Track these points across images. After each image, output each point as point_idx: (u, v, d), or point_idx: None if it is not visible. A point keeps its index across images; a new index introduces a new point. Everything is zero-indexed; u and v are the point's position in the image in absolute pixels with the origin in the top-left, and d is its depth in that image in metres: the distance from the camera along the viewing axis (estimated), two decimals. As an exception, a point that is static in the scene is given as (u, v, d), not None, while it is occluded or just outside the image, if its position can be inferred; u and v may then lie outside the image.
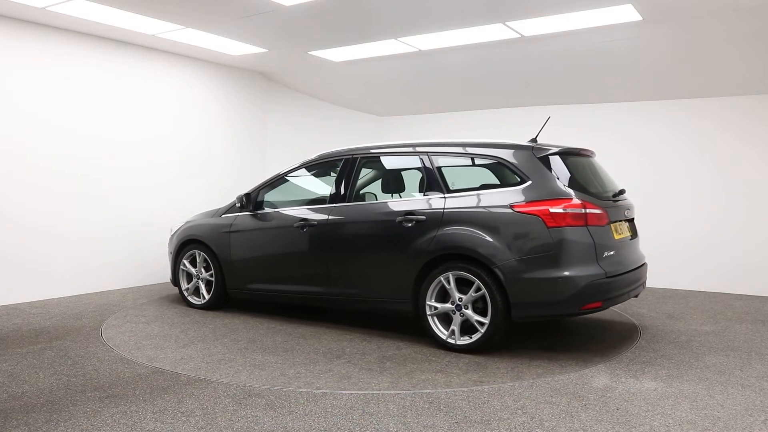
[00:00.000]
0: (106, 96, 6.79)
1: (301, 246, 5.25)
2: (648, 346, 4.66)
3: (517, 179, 4.41)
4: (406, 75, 7.90)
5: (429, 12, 5.52)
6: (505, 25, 5.78)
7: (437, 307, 4.52)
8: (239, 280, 5.71)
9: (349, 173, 5.17)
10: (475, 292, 4.35)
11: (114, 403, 3.40)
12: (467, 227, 4.41)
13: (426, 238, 4.55)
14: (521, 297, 4.21)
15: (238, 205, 5.74)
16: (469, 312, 4.38)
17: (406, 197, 5.04)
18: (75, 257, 6.57)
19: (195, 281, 6.05)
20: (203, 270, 5.99)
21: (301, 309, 5.93)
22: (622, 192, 4.86)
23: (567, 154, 4.59)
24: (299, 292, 5.32)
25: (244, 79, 8.28)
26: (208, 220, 6.01)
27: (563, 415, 3.24)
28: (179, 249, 6.15)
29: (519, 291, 4.21)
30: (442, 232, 4.50)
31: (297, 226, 5.25)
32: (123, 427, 3.07)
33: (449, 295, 4.47)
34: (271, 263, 5.50)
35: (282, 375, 3.94)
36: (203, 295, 5.98)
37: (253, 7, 5.51)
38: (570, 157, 4.60)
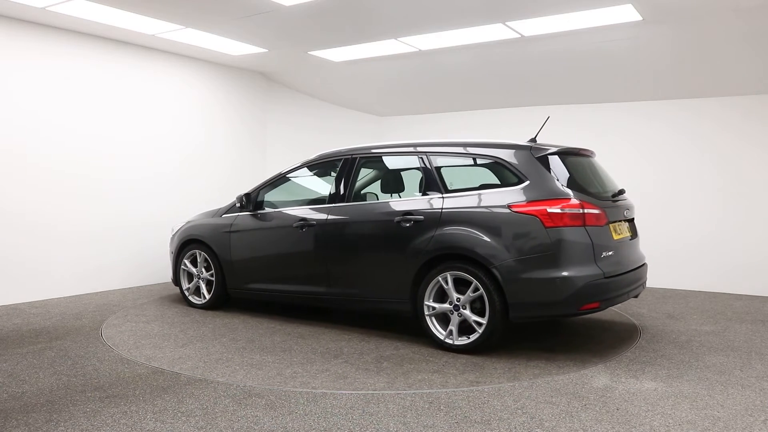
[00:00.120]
0: (106, 96, 6.79)
1: (301, 246, 5.25)
2: (648, 346, 4.66)
3: (516, 179, 4.40)
4: (406, 75, 7.90)
5: (429, 12, 5.52)
6: (505, 25, 5.79)
7: (435, 308, 4.52)
8: (239, 279, 5.71)
9: (348, 173, 5.17)
10: (473, 292, 4.35)
11: (114, 403, 3.40)
12: (465, 227, 4.40)
13: (424, 238, 4.55)
14: (519, 297, 4.20)
15: (238, 205, 5.74)
16: (467, 312, 4.38)
17: (404, 197, 5.05)
18: (75, 257, 6.57)
19: (196, 281, 6.07)
20: (204, 270, 6.00)
21: (301, 309, 5.93)
22: (621, 192, 4.84)
23: (566, 153, 4.58)
24: (299, 292, 5.32)
25: (244, 79, 8.28)
26: (208, 219, 6.01)
27: (563, 415, 3.24)
28: (180, 249, 6.16)
29: (517, 291, 4.20)
30: (440, 232, 4.49)
31: (296, 226, 5.25)
32: (123, 427, 3.07)
33: (447, 296, 4.47)
34: (271, 263, 5.50)
35: (279, 375, 3.94)
36: (204, 295, 5.99)
37: (253, 7, 5.51)
38: (569, 157, 4.59)
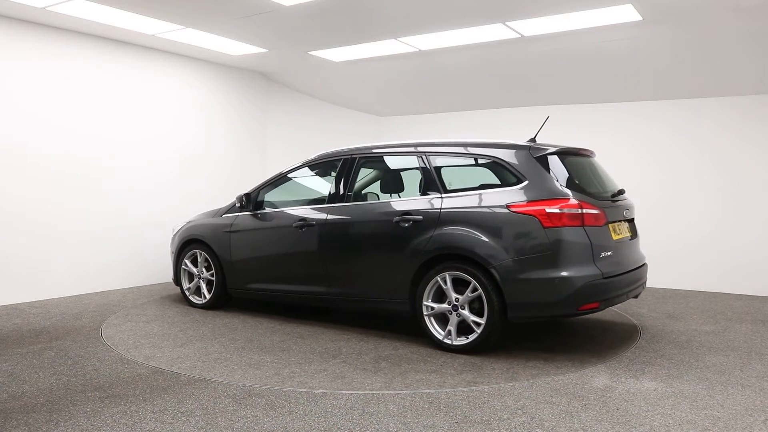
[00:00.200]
0: (106, 96, 6.79)
1: (300, 246, 5.25)
2: (648, 346, 4.66)
3: (514, 179, 4.39)
4: (406, 75, 7.90)
5: (429, 12, 5.52)
6: (505, 25, 5.79)
7: (434, 308, 4.51)
8: (239, 279, 5.72)
9: (348, 173, 5.17)
10: (472, 292, 4.34)
11: (114, 403, 3.40)
12: (464, 227, 4.39)
13: (423, 238, 4.55)
14: (517, 297, 4.19)
15: (238, 205, 5.75)
16: (466, 312, 4.37)
17: (404, 197, 5.05)
18: (75, 257, 6.57)
19: (196, 281, 6.07)
20: (204, 270, 6.00)
21: (302, 309, 5.92)
22: (621, 192, 4.83)
23: (565, 153, 4.57)
24: (298, 291, 5.32)
25: (244, 79, 8.28)
26: (209, 219, 6.01)
27: (563, 415, 3.24)
28: (181, 249, 6.17)
29: (515, 291, 4.19)
30: (438, 232, 4.49)
31: (296, 226, 5.25)
32: (123, 427, 3.07)
33: (446, 296, 4.46)
34: (271, 263, 5.50)
35: (276, 374, 3.94)
36: (204, 295, 5.99)
37: (253, 7, 5.51)
38: (568, 157, 4.58)
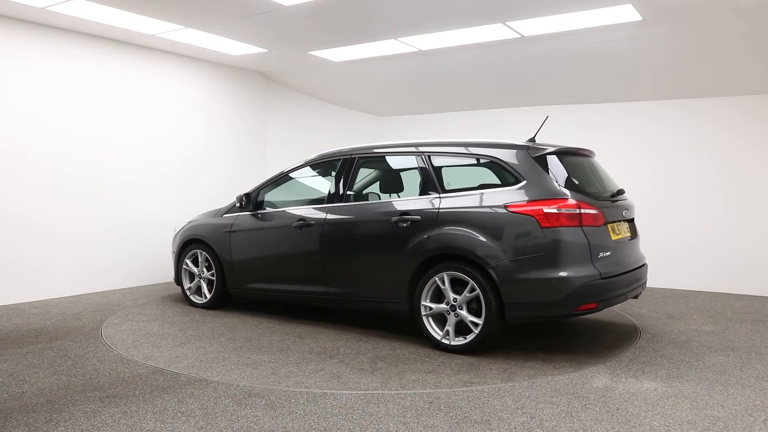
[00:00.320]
0: (106, 96, 6.79)
1: (299, 246, 5.25)
2: (648, 346, 4.66)
3: (513, 179, 4.38)
4: (406, 75, 7.90)
5: (429, 12, 5.52)
6: (505, 25, 5.78)
7: (432, 308, 4.51)
8: (239, 279, 5.72)
9: (347, 173, 5.17)
10: (470, 292, 4.33)
11: (114, 403, 3.40)
12: (462, 227, 4.39)
13: (421, 238, 4.54)
14: (515, 298, 4.19)
15: (237, 205, 5.75)
16: (464, 312, 4.37)
17: (403, 197, 5.05)
18: (75, 257, 6.57)
19: (197, 280, 6.08)
20: (205, 269, 6.01)
21: (302, 309, 5.92)
22: (620, 192, 4.82)
23: (564, 153, 4.56)
24: (298, 291, 5.32)
25: (244, 79, 8.28)
26: (209, 219, 6.02)
27: (563, 415, 3.24)
28: (182, 248, 6.18)
29: (513, 292, 4.18)
30: (436, 232, 4.48)
31: (295, 225, 5.25)
32: (123, 427, 3.07)
33: (444, 296, 4.46)
34: (270, 263, 5.50)
35: (273, 374, 3.94)
36: (205, 295, 6.00)
37: (253, 7, 5.51)
38: (567, 157, 4.57)
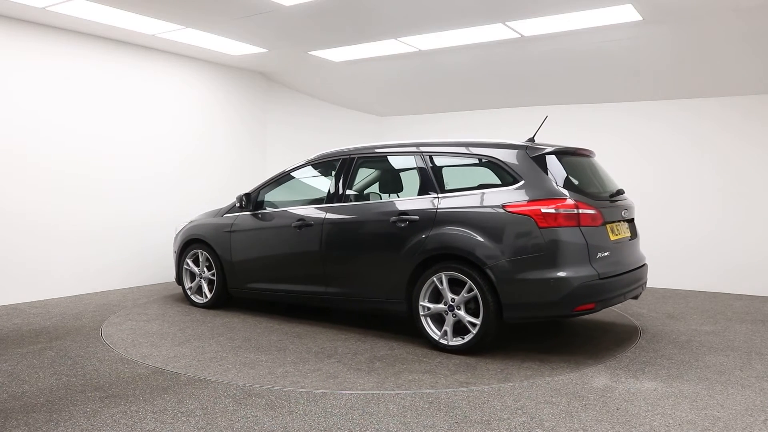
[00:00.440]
0: (106, 96, 6.79)
1: (299, 246, 5.25)
2: (648, 346, 4.66)
3: (511, 179, 4.37)
4: (406, 75, 7.90)
5: (429, 12, 5.52)
6: (505, 25, 5.78)
7: (430, 308, 4.50)
8: (239, 279, 5.72)
9: (346, 173, 5.17)
10: (468, 292, 4.32)
11: (114, 403, 3.40)
12: (459, 227, 4.38)
13: (419, 238, 4.54)
14: (513, 298, 4.18)
15: (237, 205, 5.75)
16: (462, 313, 4.36)
17: (402, 197, 5.05)
18: (75, 257, 6.57)
19: (198, 280, 6.09)
20: (206, 269, 6.01)
21: (302, 308, 5.92)
22: (620, 192, 4.81)
23: (563, 153, 4.55)
24: (297, 291, 5.32)
25: (244, 79, 8.28)
26: (210, 219, 6.02)
27: (563, 415, 3.24)
28: (183, 248, 6.19)
29: (510, 292, 4.17)
30: (434, 232, 4.48)
31: (295, 226, 5.25)
32: (123, 427, 3.07)
33: (442, 296, 4.45)
34: (270, 263, 5.50)
35: (270, 374, 3.94)
36: (206, 294, 6.01)
37: (253, 7, 5.51)
38: (566, 157, 4.56)
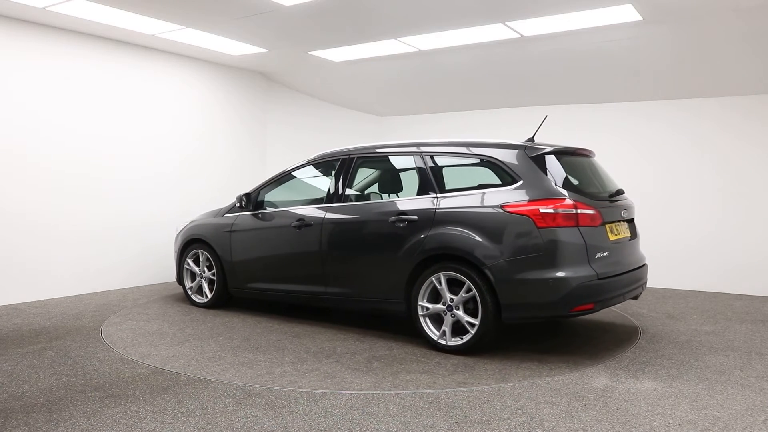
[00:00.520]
0: (106, 96, 6.79)
1: (298, 246, 5.25)
2: (648, 346, 4.66)
3: (510, 179, 4.37)
4: (406, 75, 7.90)
5: (429, 12, 5.52)
6: (505, 25, 5.78)
7: (429, 308, 4.50)
8: (240, 279, 5.72)
9: (346, 173, 5.17)
10: (466, 292, 4.32)
11: (114, 403, 3.40)
12: (458, 227, 4.38)
13: (418, 238, 4.54)
14: (511, 298, 4.17)
15: (237, 205, 5.76)
16: (460, 313, 4.35)
17: (401, 197, 5.04)
18: (75, 257, 6.57)
19: (198, 280, 6.09)
20: (206, 269, 6.02)
21: (302, 308, 5.92)
22: (620, 192, 4.81)
23: (562, 153, 4.54)
24: (297, 291, 5.32)
25: (244, 79, 8.28)
26: (211, 219, 6.03)
27: (563, 415, 3.24)
28: (183, 248, 6.19)
29: (509, 292, 4.17)
30: (433, 232, 4.48)
31: (294, 226, 5.25)
32: (123, 427, 3.08)
33: (441, 296, 4.45)
34: (270, 263, 5.50)
35: (268, 373, 3.94)
36: (206, 294, 6.01)
37: (253, 7, 5.51)
38: (565, 157, 4.55)
